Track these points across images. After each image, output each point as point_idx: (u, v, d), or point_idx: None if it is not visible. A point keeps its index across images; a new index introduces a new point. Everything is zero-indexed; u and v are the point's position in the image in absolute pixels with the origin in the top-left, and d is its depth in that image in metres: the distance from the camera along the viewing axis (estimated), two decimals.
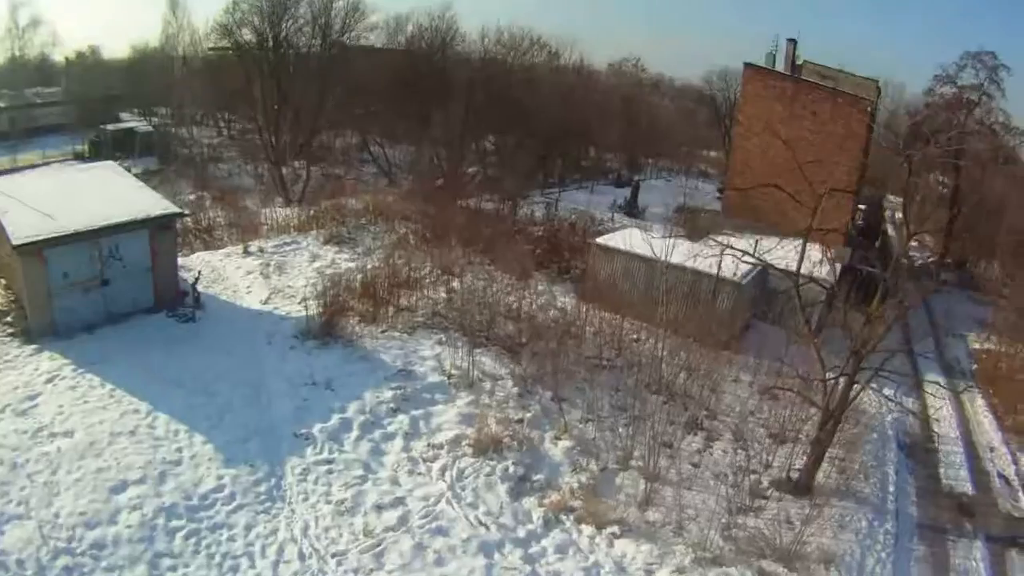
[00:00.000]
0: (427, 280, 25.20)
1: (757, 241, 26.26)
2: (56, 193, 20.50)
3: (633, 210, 45.47)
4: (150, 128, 54.13)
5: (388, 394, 17.64)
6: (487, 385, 18.71)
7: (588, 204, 42.86)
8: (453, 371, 18.84)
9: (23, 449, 14.18)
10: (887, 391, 19.64)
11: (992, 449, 22.54)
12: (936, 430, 22.84)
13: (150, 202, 20.50)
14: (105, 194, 20.79)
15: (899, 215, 79.89)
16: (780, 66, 39.47)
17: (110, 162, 26.07)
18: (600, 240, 26.81)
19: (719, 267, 23.67)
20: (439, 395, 18.12)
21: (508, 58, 55.53)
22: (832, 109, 33.12)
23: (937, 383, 21.95)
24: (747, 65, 35.93)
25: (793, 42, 40.55)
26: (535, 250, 28.54)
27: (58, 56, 67.99)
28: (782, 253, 21.61)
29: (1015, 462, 21.99)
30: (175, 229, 21.00)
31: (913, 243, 60.02)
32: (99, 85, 62.85)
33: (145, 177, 46.28)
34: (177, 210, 20.72)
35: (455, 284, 24.78)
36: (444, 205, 33.07)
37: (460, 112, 46.95)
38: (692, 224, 34.76)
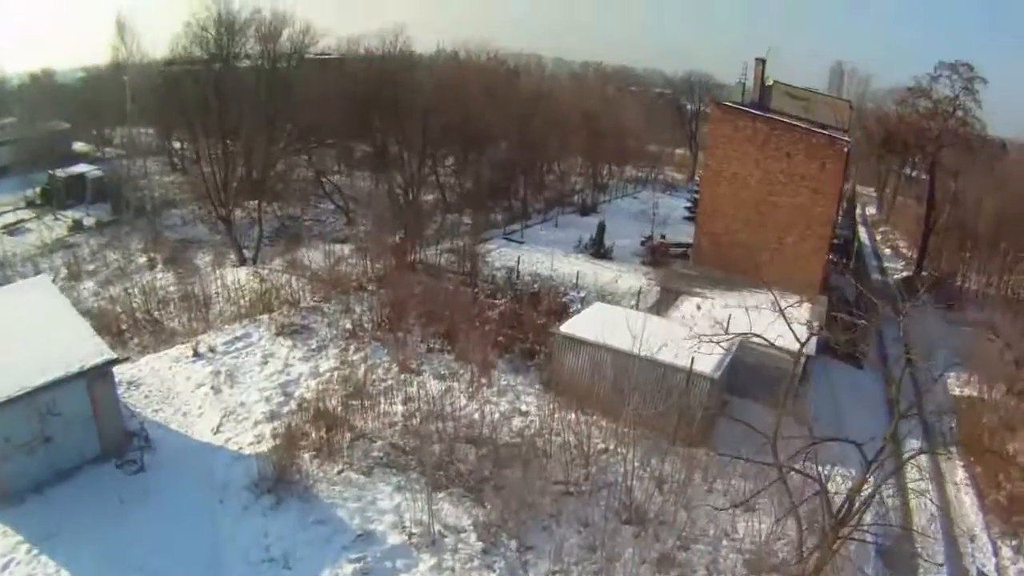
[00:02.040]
0: (383, 383, 24.31)
1: (729, 318, 25.47)
2: None
3: (600, 250, 44.50)
4: (100, 173, 52.00)
5: (348, 569, 16.67)
6: (449, 541, 17.80)
7: (552, 244, 41.74)
8: (414, 528, 17.92)
9: None
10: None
11: (973, 539, 22.06)
12: (916, 522, 22.20)
13: (85, 347, 19.21)
14: (37, 336, 19.65)
15: (869, 210, 79.94)
16: (750, 88, 38.25)
17: (43, 277, 24.91)
18: (565, 328, 25.27)
19: (691, 363, 22.79)
20: (400, 561, 17.13)
21: (466, 79, 53.43)
22: (807, 150, 31.83)
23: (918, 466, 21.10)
24: (716, 105, 34.47)
25: (762, 62, 39.10)
26: (497, 334, 27.32)
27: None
28: (761, 325, 19.45)
29: (995, 553, 21.55)
30: (112, 373, 19.79)
31: (887, 251, 60.12)
32: (53, 114, 61.28)
33: (97, 230, 45.11)
34: (113, 356, 19.48)
35: (413, 389, 23.88)
36: (402, 270, 32.03)
37: (417, 143, 45.49)
38: (664, 280, 33.76)
